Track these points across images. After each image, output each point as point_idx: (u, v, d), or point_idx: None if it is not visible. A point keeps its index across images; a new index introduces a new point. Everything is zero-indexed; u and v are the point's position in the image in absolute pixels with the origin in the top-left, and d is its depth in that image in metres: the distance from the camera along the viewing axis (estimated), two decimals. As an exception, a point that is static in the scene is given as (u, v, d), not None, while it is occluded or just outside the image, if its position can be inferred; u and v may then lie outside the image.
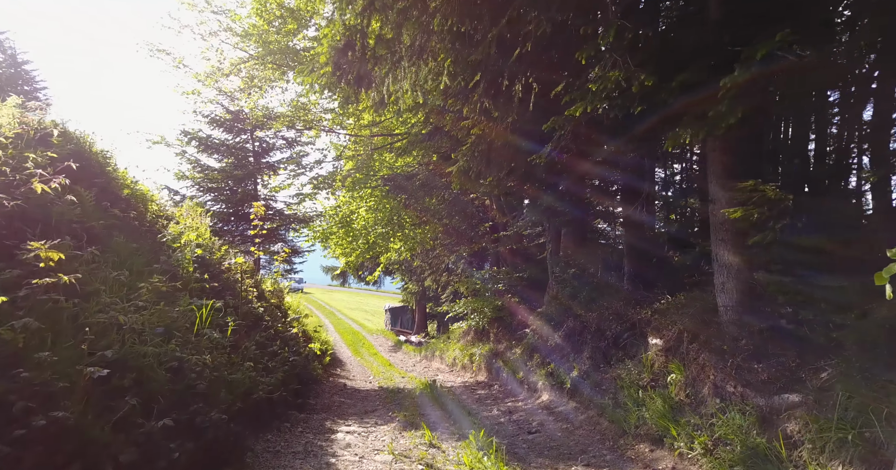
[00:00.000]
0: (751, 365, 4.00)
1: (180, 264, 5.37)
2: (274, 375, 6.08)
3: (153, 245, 5.35)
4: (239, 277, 7.28)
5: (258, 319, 7.30)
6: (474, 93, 5.11)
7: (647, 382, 5.67)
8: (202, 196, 12.61)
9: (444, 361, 16.04)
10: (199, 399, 3.50)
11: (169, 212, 7.50)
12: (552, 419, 6.68)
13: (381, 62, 4.89)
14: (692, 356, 5.03)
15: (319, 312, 34.96)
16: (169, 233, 5.35)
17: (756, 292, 4.28)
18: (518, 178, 6.46)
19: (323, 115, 13.17)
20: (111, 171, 5.47)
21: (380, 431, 5.76)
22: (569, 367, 7.88)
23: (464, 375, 13.35)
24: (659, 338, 5.97)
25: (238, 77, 11.16)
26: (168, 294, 4.44)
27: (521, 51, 4.14)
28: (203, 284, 5.80)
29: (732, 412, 3.90)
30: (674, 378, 5.15)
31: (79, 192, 4.30)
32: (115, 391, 2.81)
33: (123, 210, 5.20)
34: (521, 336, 11.16)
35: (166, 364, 3.39)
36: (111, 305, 3.34)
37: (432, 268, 19.94)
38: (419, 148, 9.81)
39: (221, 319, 5.45)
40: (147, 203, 6.04)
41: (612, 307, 7.54)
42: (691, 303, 5.71)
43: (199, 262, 6.29)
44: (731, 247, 4.44)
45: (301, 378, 7.99)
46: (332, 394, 8.81)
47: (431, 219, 14.14)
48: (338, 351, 18.90)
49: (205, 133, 12.66)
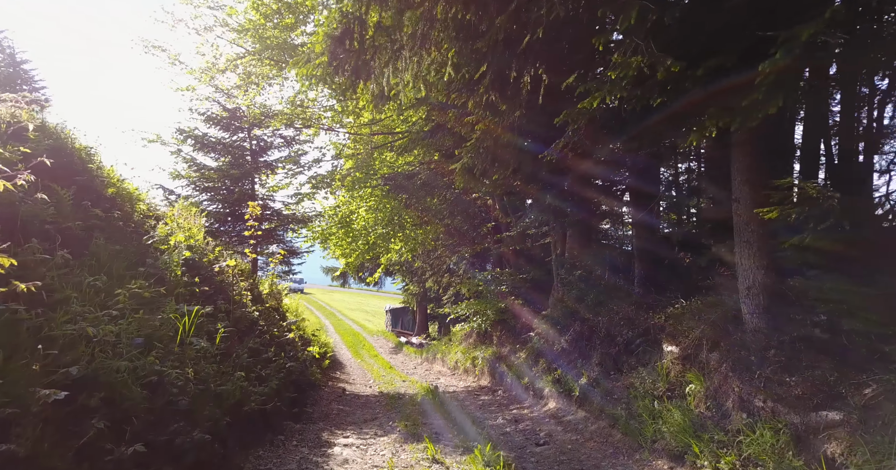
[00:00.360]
0: (782, 378, 3.68)
1: (168, 268, 5.07)
2: (268, 383, 5.78)
3: (139, 247, 5.04)
4: (233, 279, 6.97)
5: (253, 323, 6.99)
6: (480, 85, 4.80)
7: (662, 392, 5.36)
8: (198, 196, 12.30)
9: (445, 363, 15.73)
10: (181, 417, 3.19)
11: (160, 212, 7.20)
12: (561, 429, 6.36)
13: (380, 52, 4.58)
14: (713, 366, 4.71)
15: (320, 313, 34.68)
16: (156, 234, 5.03)
17: (786, 298, 3.96)
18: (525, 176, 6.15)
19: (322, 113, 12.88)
20: (95, 168, 5.16)
21: (379, 444, 5.45)
22: (577, 373, 7.56)
23: (466, 379, 13.04)
24: (675, 345, 5.66)
25: (235, 73, 10.85)
26: (152, 300, 4.13)
27: (532, 38, 3.83)
28: (193, 289, 5.49)
29: (763, 430, 3.58)
30: (693, 389, 4.83)
31: (55, 190, 3.99)
32: (80, 413, 2.50)
33: (107, 210, 4.89)
34: (525, 339, 10.85)
35: (144, 379, 3.08)
36: (82, 314, 3.03)
37: (434, 269, 19.66)
38: (421, 146, 9.50)
39: (211, 325, 5.15)
40: (134, 202, 5.73)
41: (623, 311, 7.22)
42: (709, 308, 5.38)
43: (189, 264, 5.98)
44: (757, 249, 4.12)
45: (298, 385, 7.69)
46: (331, 400, 8.50)
47: (433, 219, 13.83)
48: (338, 353, 18.61)
49: (201, 131, 12.36)
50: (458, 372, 14.29)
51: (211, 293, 6.14)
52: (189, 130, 12.27)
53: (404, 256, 15.84)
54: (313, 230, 14.38)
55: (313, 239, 14.40)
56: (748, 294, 4.23)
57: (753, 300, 4.17)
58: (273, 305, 10.78)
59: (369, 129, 12.93)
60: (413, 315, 27.49)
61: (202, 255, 6.78)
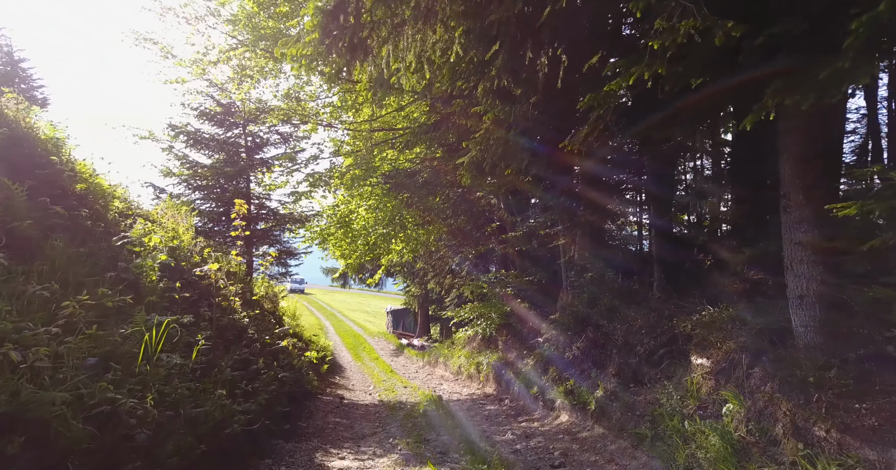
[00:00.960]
0: (849, 404, 3.14)
1: (143, 272, 4.54)
2: (256, 399, 5.25)
3: (110, 250, 4.52)
4: (221, 283, 6.44)
5: (242, 331, 6.47)
6: (491, 67, 4.26)
7: (692, 411, 4.81)
8: (191, 194, 11.78)
9: (448, 368, 15.21)
10: (139, 455, 2.66)
11: (143, 210, 6.68)
12: (577, 448, 5.82)
13: (378, 29, 4.04)
14: (754, 384, 4.17)
15: (320, 314, 34.20)
16: (129, 235, 4.51)
17: (848, 309, 3.42)
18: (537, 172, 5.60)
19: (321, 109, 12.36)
20: (61, 161, 4.64)
21: (379, 467, 4.92)
22: (591, 384, 7.02)
23: (470, 386, 12.51)
24: (704, 357, 5.11)
25: (228, 66, 10.33)
26: (118, 311, 3.61)
27: (554, 6, 3.29)
28: (172, 295, 4.97)
29: (828, 465, 3.04)
30: (730, 409, 4.28)
31: (4, 184, 3.47)
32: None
33: (73, 208, 4.36)
34: (532, 345, 10.30)
35: (92, 410, 2.55)
36: (16, 332, 2.50)
37: (436, 270, 19.16)
38: (423, 140, 8.97)
39: (192, 336, 4.62)
40: (108, 200, 5.20)
41: (642, 318, 6.68)
42: (746, 317, 4.83)
43: (171, 268, 5.46)
44: (811, 251, 3.58)
45: (292, 396, 7.16)
46: (327, 412, 7.97)
47: (435, 219, 13.29)
48: (338, 355, 18.10)
49: (193, 127, 11.82)
50: (462, 377, 13.76)
51: (195, 299, 5.62)
52: (181, 126, 11.75)
53: (405, 257, 15.30)
54: (311, 230, 13.85)
55: (311, 240, 13.88)
56: (800, 304, 3.68)
57: (807, 311, 3.63)
58: (269, 309, 10.27)
59: (369, 126, 12.40)
60: (414, 316, 27.00)
61: (188, 257, 6.26)
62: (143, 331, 3.47)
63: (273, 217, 12.84)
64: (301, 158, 12.27)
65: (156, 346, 3.39)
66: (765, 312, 4.53)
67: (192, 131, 11.80)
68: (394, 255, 14.92)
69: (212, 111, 12.00)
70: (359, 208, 13.99)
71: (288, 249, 13.24)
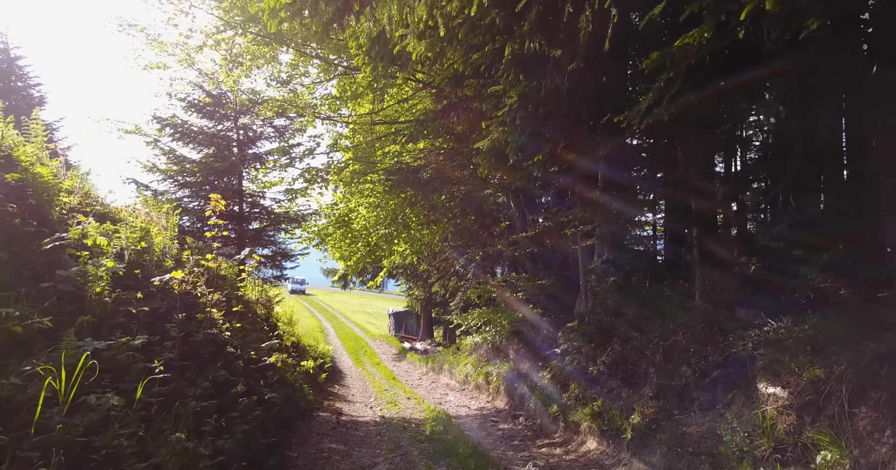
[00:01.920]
0: None
1: (88, 283, 3.66)
2: (232, 433, 4.36)
3: (48, 255, 3.64)
4: (199, 292, 5.56)
5: (221, 347, 5.57)
6: (523, 22, 3.36)
7: (767, 453, 3.90)
8: (177, 192, 10.91)
9: (454, 376, 14.31)
10: None
11: (107, 207, 5.79)
12: (615, 489, 4.92)
13: (380, -28, 3.15)
14: (865, 428, 3.26)
15: (321, 315, 33.35)
16: (63, 236, 3.62)
17: None
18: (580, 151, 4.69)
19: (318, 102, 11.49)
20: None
21: (380, 520, 4.02)
22: (624, 407, 6.11)
23: (479, 398, 11.60)
24: (777, 385, 4.20)
25: (215, 50, 9.45)
26: (29, 338, 2.72)
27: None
28: (128, 309, 4.09)
29: None
30: (827, 458, 3.37)
31: None
32: None
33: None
34: (548, 356, 9.39)
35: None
36: None
37: (440, 272, 18.29)
38: (430, 131, 8.07)
39: (150, 362, 3.73)
40: (54, 194, 4.32)
41: (686, 332, 5.77)
42: (838, 336, 3.92)
43: (132, 277, 4.58)
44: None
45: (281, 420, 6.28)
46: (323, 434, 7.07)
47: (441, 218, 12.39)
48: (338, 359, 17.22)
49: (181, 119, 10.96)
50: (469, 388, 12.87)
51: (162, 312, 4.73)
52: (167, 118, 10.88)
53: (409, 258, 14.40)
54: (308, 230, 12.97)
55: (308, 240, 13.00)
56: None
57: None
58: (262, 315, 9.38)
59: (370, 118, 11.52)
60: (417, 319, 26.12)
61: (159, 262, 5.38)
62: (69, 364, 2.57)
63: (267, 216, 11.97)
64: (296, 152, 11.37)
65: (70, 386, 2.49)
66: (864, 327, 3.61)
67: (179, 123, 10.94)
68: (396, 256, 14.03)
69: (201, 102, 11.14)
70: (359, 207, 13.11)
71: (283, 250, 12.35)
